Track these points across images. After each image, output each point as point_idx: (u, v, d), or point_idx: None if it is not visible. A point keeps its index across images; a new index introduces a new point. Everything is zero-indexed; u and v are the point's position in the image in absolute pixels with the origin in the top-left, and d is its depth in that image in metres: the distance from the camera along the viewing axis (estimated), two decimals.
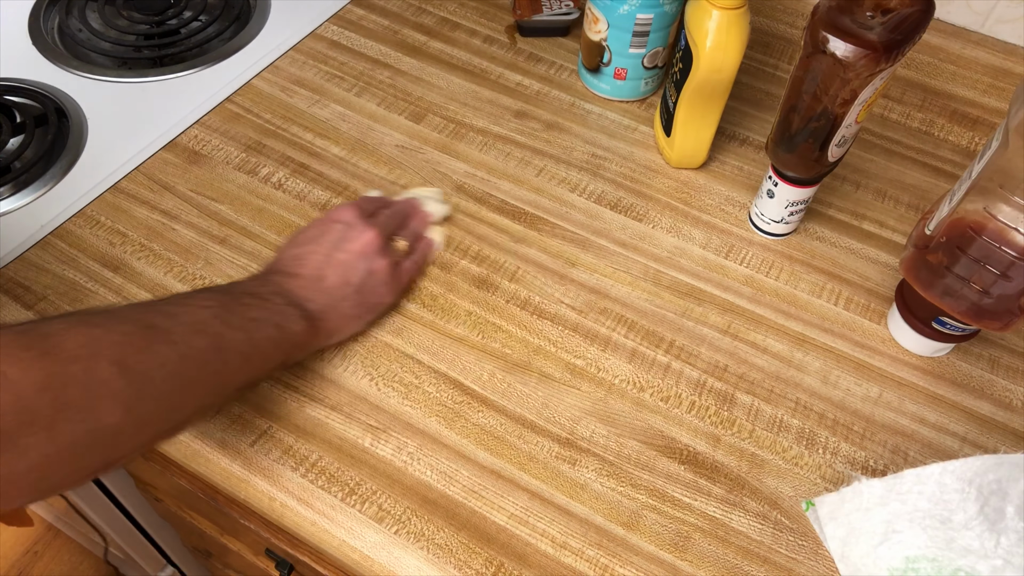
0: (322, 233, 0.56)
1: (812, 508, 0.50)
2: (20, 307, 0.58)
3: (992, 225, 0.48)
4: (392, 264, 0.56)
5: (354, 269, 0.54)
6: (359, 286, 0.54)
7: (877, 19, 0.51)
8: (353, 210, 0.57)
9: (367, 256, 0.55)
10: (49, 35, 0.78)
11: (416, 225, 0.62)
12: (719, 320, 0.60)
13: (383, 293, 0.56)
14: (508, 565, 0.48)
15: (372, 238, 0.55)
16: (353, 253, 0.54)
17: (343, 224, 0.56)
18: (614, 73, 0.72)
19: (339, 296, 0.53)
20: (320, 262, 0.53)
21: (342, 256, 0.54)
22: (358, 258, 0.54)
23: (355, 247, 0.55)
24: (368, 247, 0.55)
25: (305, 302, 0.51)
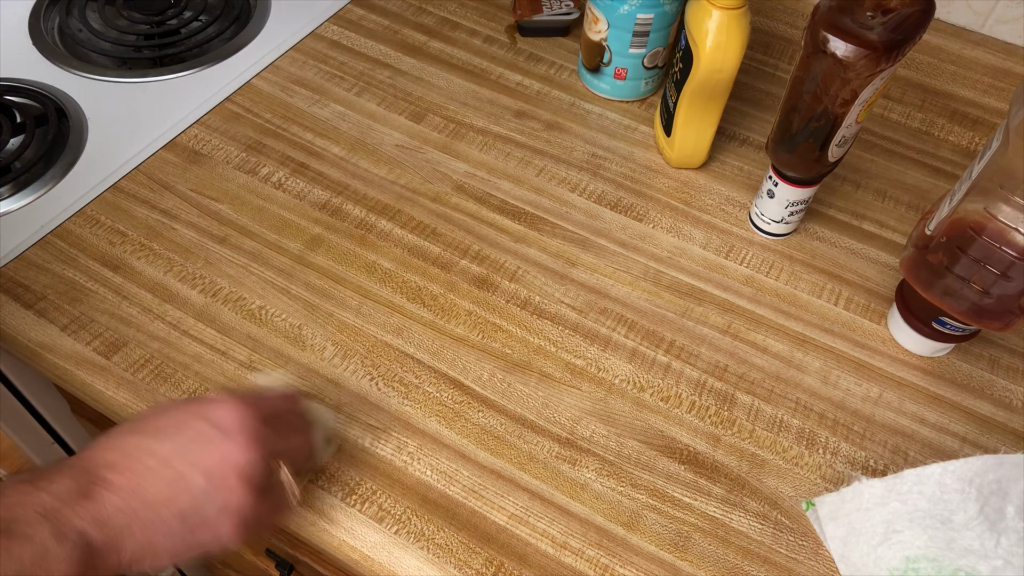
0: (178, 425, 0.40)
1: (812, 508, 0.50)
2: (20, 306, 0.58)
3: (992, 225, 0.48)
4: (255, 500, 0.41)
5: (191, 490, 0.39)
6: (187, 514, 0.39)
7: (877, 19, 0.51)
8: (236, 411, 0.41)
9: (224, 479, 0.39)
10: (49, 35, 0.78)
11: (299, 447, 0.46)
12: (719, 320, 0.60)
13: (223, 532, 0.40)
14: (508, 565, 0.48)
15: (245, 460, 0.40)
16: (204, 469, 0.39)
17: (212, 425, 0.40)
18: (614, 73, 0.72)
19: (151, 519, 0.38)
20: (149, 467, 0.39)
21: (184, 467, 0.39)
22: (208, 478, 0.39)
23: (211, 461, 0.39)
24: (232, 468, 0.40)
25: (89, 528, 0.36)
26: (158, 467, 0.39)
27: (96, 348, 0.56)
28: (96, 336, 0.56)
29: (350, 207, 0.65)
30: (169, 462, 0.39)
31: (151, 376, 0.55)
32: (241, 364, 0.55)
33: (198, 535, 0.40)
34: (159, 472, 0.39)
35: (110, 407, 0.54)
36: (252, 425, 0.41)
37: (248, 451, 0.40)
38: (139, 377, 0.54)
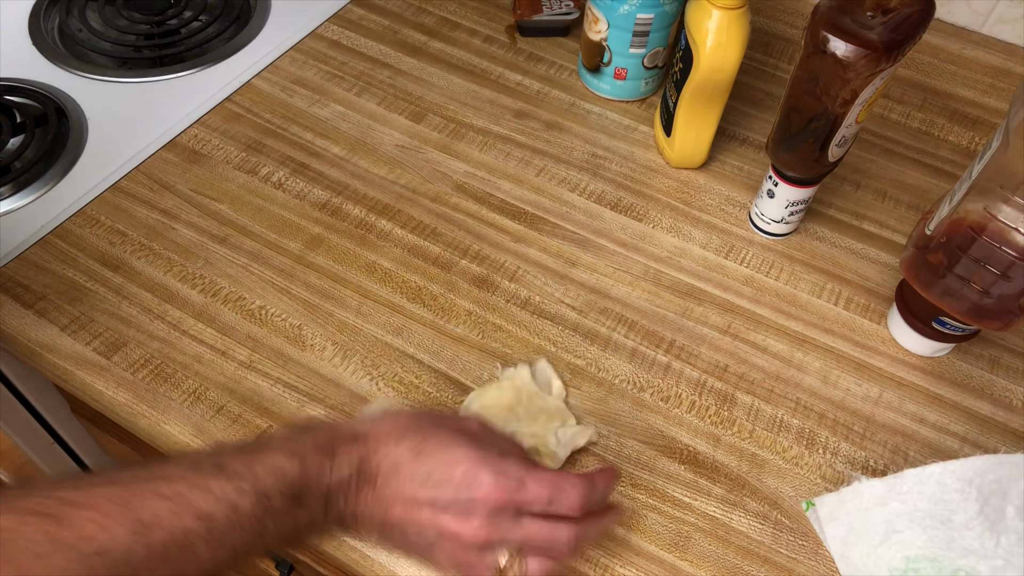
0: (463, 483, 0.38)
1: (812, 508, 0.50)
2: (20, 306, 0.58)
3: (992, 225, 0.48)
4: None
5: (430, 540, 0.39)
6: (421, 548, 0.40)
7: (877, 19, 0.51)
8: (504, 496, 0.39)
9: (464, 551, 0.39)
10: (49, 35, 0.78)
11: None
12: (719, 320, 0.60)
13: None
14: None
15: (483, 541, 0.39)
16: (452, 536, 0.39)
17: (481, 504, 0.38)
18: (614, 73, 0.72)
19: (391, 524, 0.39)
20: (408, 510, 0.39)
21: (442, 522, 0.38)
22: (451, 541, 0.39)
23: (464, 531, 0.38)
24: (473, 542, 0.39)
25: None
26: (435, 513, 0.38)
27: (96, 348, 0.56)
28: (96, 336, 0.56)
29: (350, 207, 0.65)
30: (437, 515, 0.38)
31: (151, 376, 0.55)
32: (241, 364, 0.55)
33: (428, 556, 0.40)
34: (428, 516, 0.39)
35: (110, 407, 0.54)
36: (514, 512, 0.39)
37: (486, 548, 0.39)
38: (139, 377, 0.54)
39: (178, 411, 0.53)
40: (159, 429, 0.53)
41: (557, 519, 0.40)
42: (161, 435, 0.52)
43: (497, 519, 0.38)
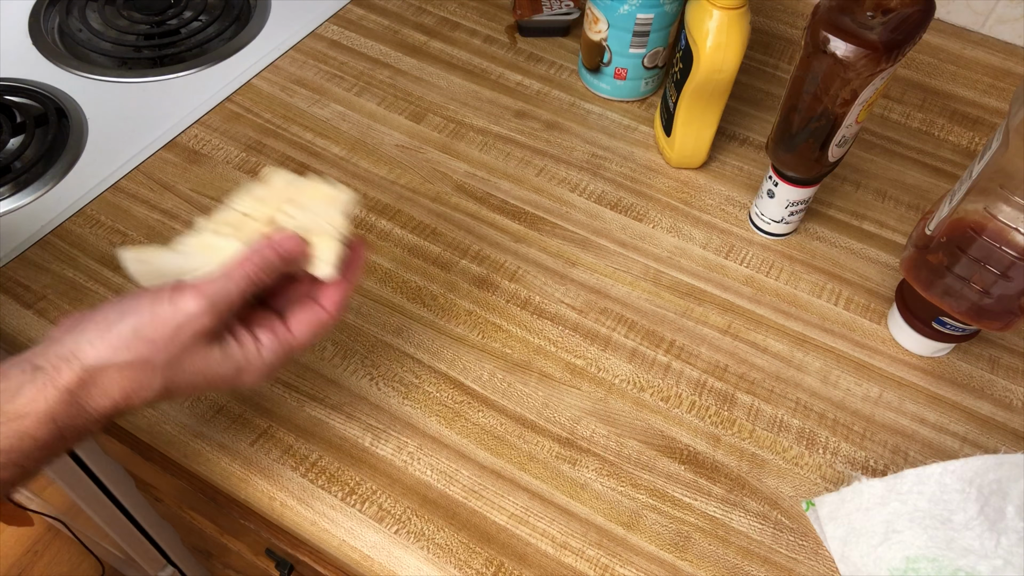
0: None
1: (812, 508, 0.50)
2: (20, 306, 0.58)
3: (992, 225, 0.48)
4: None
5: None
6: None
7: (877, 19, 0.51)
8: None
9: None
10: (49, 35, 0.78)
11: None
12: (719, 320, 0.60)
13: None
14: (508, 565, 0.48)
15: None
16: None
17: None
18: (614, 73, 0.72)
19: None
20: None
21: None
22: None
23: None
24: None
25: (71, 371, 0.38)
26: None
27: None
28: None
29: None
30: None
31: None
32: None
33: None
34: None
35: None
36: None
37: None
38: None
39: (178, 411, 0.53)
40: (159, 429, 0.53)
41: None
42: (161, 435, 0.52)
43: None
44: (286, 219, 0.43)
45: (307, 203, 0.43)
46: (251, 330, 0.42)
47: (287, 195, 0.44)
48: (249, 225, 0.43)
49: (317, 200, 0.44)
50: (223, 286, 0.40)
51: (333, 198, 0.44)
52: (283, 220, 0.43)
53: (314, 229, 0.43)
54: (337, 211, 0.43)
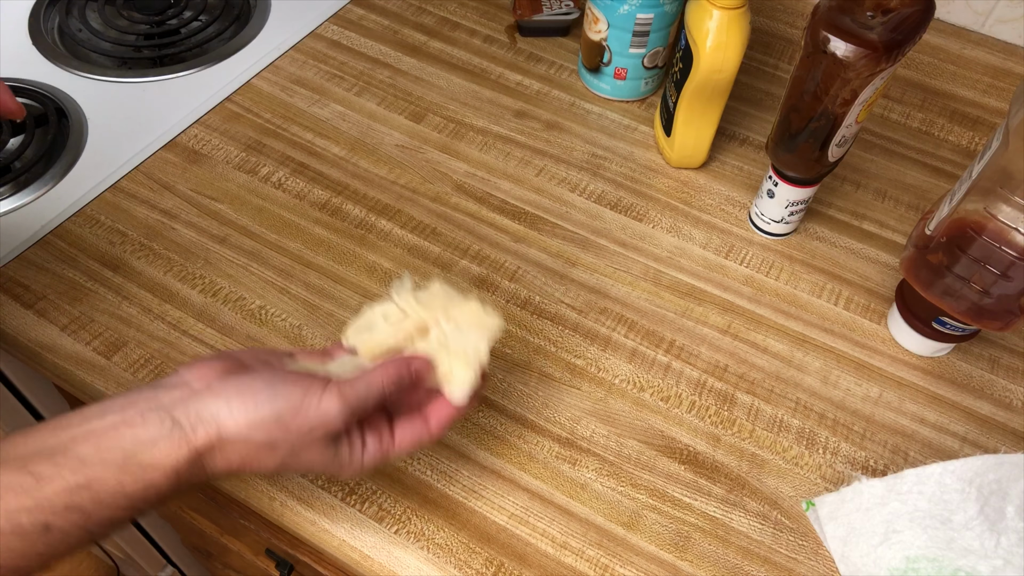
0: None
1: (812, 508, 0.50)
2: (20, 306, 0.58)
3: (992, 225, 0.48)
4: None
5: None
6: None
7: (877, 19, 0.51)
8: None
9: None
10: (49, 35, 0.78)
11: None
12: (719, 320, 0.60)
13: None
14: (508, 565, 0.48)
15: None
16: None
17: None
18: (614, 73, 0.72)
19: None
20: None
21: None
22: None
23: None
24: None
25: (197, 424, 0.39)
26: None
27: (96, 348, 0.56)
28: (96, 336, 0.56)
29: (350, 207, 0.65)
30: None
31: (151, 376, 0.55)
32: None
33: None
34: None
35: None
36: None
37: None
38: (139, 377, 0.54)
39: None
40: None
41: None
42: None
43: None
44: (438, 333, 0.45)
45: (460, 321, 0.45)
46: (362, 431, 0.43)
47: (444, 307, 0.45)
48: (405, 325, 0.45)
49: (469, 321, 0.45)
50: (363, 394, 0.41)
51: (484, 324, 0.45)
52: (435, 333, 0.45)
53: (458, 351, 0.44)
54: (484, 339, 0.45)
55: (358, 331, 0.45)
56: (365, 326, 0.45)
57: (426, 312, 0.45)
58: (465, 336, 0.45)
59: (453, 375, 0.44)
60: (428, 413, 0.44)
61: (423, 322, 0.45)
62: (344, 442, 0.42)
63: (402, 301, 0.45)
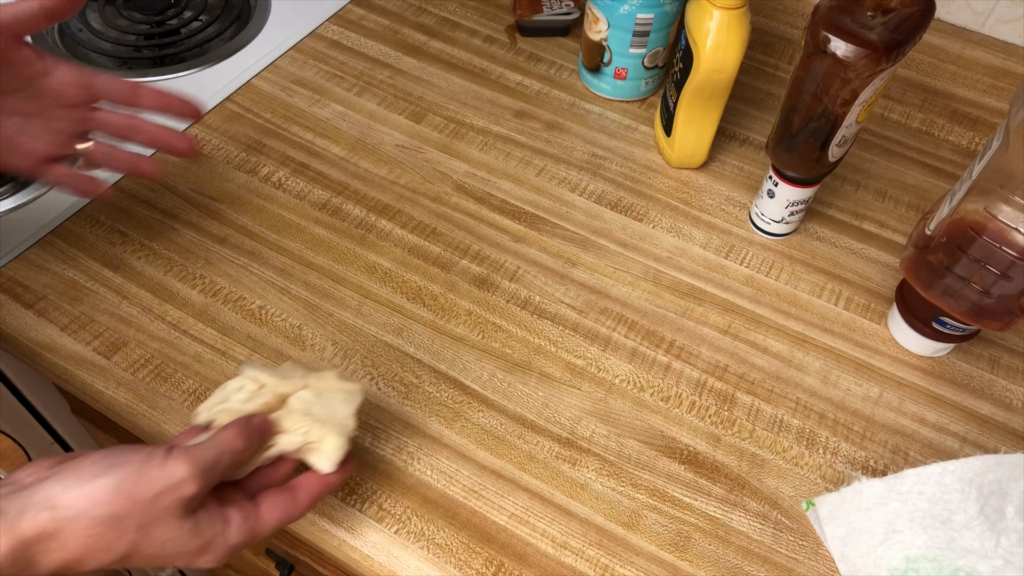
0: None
1: (812, 508, 0.50)
2: (20, 306, 0.58)
3: (992, 225, 0.48)
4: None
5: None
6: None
7: (878, 19, 0.51)
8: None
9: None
10: (49, 35, 0.78)
11: None
12: (719, 320, 0.60)
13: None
14: (508, 565, 0.48)
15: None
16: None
17: None
18: (614, 73, 0.72)
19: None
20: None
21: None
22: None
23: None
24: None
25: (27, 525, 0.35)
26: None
27: (96, 348, 0.56)
28: (96, 336, 0.56)
29: (350, 207, 0.65)
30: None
31: (151, 376, 0.55)
32: (241, 364, 0.55)
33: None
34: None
35: (110, 407, 0.54)
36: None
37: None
38: (139, 377, 0.54)
39: (178, 411, 0.53)
40: (159, 429, 0.53)
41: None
42: (161, 435, 0.52)
43: None
44: (300, 402, 0.43)
45: (321, 390, 0.44)
46: (223, 508, 0.40)
47: (302, 378, 0.44)
48: (263, 395, 0.43)
49: (330, 389, 0.44)
50: (212, 455, 0.38)
51: (346, 391, 0.44)
52: (296, 403, 0.43)
53: (323, 418, 0.43)
54: (350, 408, 0.44)
55: (211, 407, 0.43)
56: (219, 401, 0.43)
57: (284, 383, 0.44)
58: (328, 403, 0.43)
59: (321, 444, 0.42)
60: (296, 486, 0.42)
61: (282, 393, 0.43)
62: (204, 517, 0.38)
63: (258, 374, 0.44)
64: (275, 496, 0.42)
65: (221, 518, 0.39)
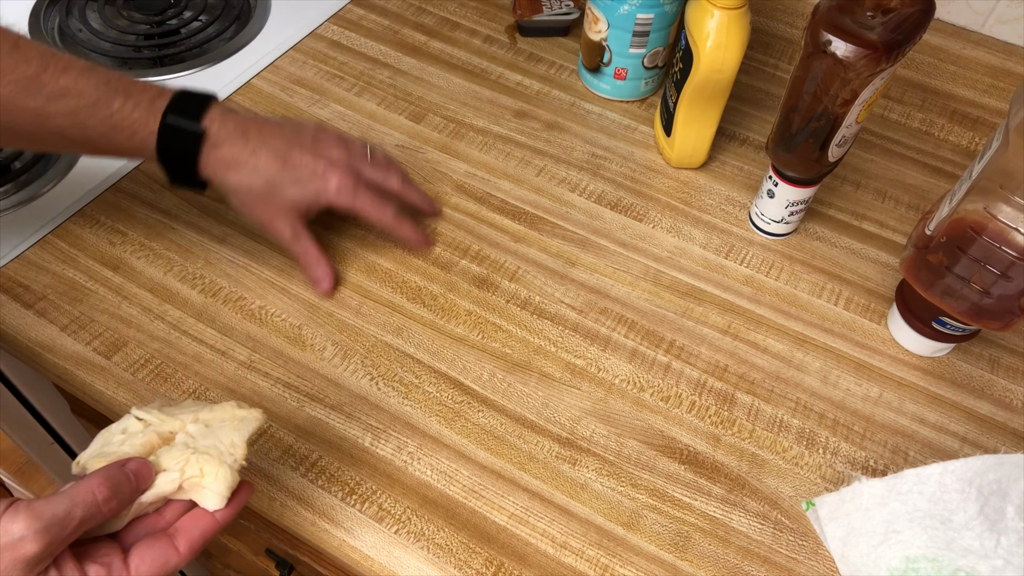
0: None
1: (812, 508, 0.50)
2: (20, 306, 0.58)
3: (992, 225, 0.48)
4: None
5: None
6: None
7: (878, 19, 0.51)
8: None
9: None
10: (49, 35, 0.78)
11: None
12: (719, 320, 0.60)
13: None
14: (508, 565, 0.48)
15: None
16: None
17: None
18: (614, 73, 0.72)
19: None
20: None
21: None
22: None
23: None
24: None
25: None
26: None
27: (96, 348, 0.56)
28: (96, 336, 0.56)
29: None
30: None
31: (151, 376, 0.55)
32: (241, 364, 0.55)
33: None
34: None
35: (110, 407, 0.54)
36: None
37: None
38: (139, 377, 0.54)
39: None
40: None
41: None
42: None
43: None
44: (185, 437, 0.40)
45: (211, 422, 0.41)
46: (81, 565, 0.36)
47: (194, 414, 0.41)
48: (147, 436, 0.40)
49: (222, 419, 0.41)
50: (63, 508, 0.34)
51: (240, 420, 0.41)
52: (181, 438, 0.40)
53: (208, 449, 0.40)
54: (241, 436, 0.41)
55: (92, 456, 0.39)
56: (100, 447, 0.40)
57: (170, 420, 0.41)
58: (215, 433, 0.40)
59: (203, 477, 0.39)
60: (174, 530, 0.38)
61: (166, 432, 0.40)
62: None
63: (144, 414, 0.41)
64: (148, 545, 0.38)
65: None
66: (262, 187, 0.55)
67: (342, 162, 0.57)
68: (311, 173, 0.56)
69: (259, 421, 0.42)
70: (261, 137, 0.55)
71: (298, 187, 0.55)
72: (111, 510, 0.36)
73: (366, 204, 0.57)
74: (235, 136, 0.54)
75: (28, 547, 0.33)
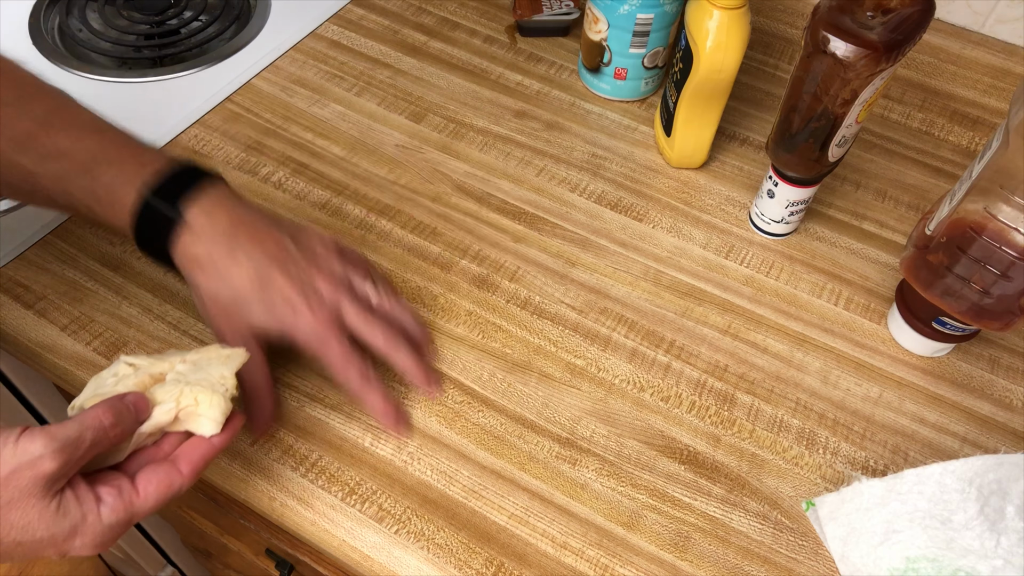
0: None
1: (812, 508, 0.50)
2: (20, 306, 0.58)
3: (992, 225, 0.48)
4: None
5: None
6: None
7: (877, 19, 0.51)
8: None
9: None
10: (49, 35, 0.78)
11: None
12: (719, 320, 0.60)
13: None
14: (508, 565, 0.48)
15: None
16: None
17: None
18: (614, 73, 0.72)
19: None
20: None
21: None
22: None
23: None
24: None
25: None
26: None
27: (96, 348, 0.56)
28: (96, 336, 0.56)
29: (350, 207, 0.65)
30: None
31: None
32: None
33: None
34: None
35: None
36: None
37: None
38: None
39: None
40: None
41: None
42: None
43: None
44: (176, 375, 0.42)
45: (201, 362, 0.43)
46: (94, 487, 0.38)
47: (183, 357, 0.43)
48: (139, 376, 0.42)
49: (209, 358, 0.43)
50: (75, 431, 0.36)
51: (227, 356, 0.44)
52: (171, 375, 0.42)
53: (200, 381, 0.42)
54: (229, 368, 0.43)
55: (86, 399, 0.41)
56: (93, 390, 0.42)
57: (160, 362, 0.43)
58: (205, 369, 0.42)
59: (197, 407, 0.41)
60: (176, 455, 0.41)
61: (157, 372, 0.42)
62: (70, 497, 0.36)
63: (133, 359, 0.43)
64: (153, 469, 0.40)
65: (92, 497, 0.37)
66: (227, 300, 0.48)
67: (324, 301, 0.49)
68: (285, 304, 0.48)
69: (244, 357, 0.45)
70: (248, 244, 0.49)
71: (266, 315, 0.48)
72: (116, 436, 0.39)
73: (335, 360, 0.49)
74: (218, 234, 0.48)
75: (46, 465, 0.35)
